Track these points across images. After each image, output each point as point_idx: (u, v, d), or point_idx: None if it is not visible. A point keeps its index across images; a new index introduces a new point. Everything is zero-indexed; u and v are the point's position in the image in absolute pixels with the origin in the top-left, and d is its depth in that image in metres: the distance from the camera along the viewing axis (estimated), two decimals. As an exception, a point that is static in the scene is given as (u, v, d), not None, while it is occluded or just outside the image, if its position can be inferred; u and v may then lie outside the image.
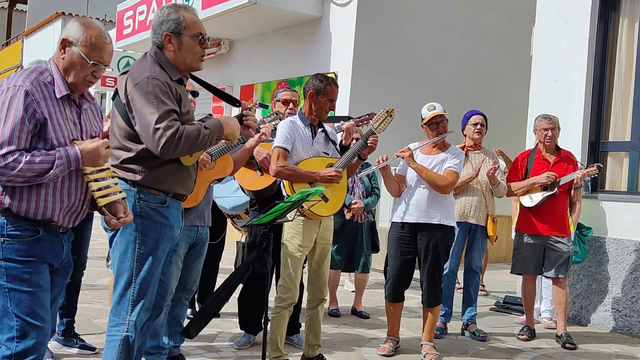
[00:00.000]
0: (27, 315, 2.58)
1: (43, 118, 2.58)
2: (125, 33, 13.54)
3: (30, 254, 2.61)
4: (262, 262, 3.55)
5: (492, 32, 11.25)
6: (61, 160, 2.57)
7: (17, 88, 2.56)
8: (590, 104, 6.77)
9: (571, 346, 5.47)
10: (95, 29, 2.74)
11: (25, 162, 2.50)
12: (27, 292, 2.59)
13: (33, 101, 2.56)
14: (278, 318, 4.20)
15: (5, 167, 2.47)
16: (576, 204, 6.17)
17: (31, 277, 2.61)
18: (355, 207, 6.02)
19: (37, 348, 2.61)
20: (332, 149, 4.42)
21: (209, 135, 3.04)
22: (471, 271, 5.78)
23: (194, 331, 3.58)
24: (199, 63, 3.23)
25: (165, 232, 3.11)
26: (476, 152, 5.77)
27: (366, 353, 4.96)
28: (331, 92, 4.28)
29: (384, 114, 4.52)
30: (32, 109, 2.55)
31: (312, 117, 4.33)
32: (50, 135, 2.60)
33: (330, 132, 4.48)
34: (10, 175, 2.49)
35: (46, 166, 2.54)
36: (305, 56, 10.73)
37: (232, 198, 5.21)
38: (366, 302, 6.59)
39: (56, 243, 2.72)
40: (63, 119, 2.66)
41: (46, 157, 2.55)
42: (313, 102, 4.29)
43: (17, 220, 2.59)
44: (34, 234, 2.62)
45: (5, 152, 2.48)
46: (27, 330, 2.58)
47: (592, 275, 6.52)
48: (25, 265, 2.59)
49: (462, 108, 6.13)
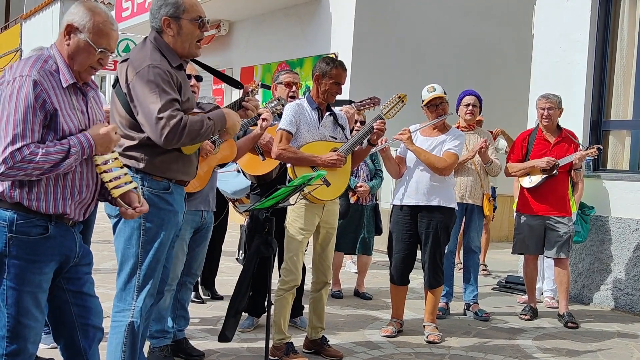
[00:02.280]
0: (21, 316, 2.50)
1: (53, 109, 2.46)
2: (124, 15, 13.47)
3: (37, 254, 2.50)
4: (267, 245, 3.56)
5: (493, 11, 11.19)
6: (75, 148, 2.47)
7: (24, 78, 2.43)
8: (592, 82, 6.75)
9: (573, 325, 5.50)
10: (102, 15, 2.61)
11: (42, 153, 2.39)
12: (26, 292, 2.50)
13: (42, 91, 2.44)
14: (281, 300, 4.22)
15: (22, 161, 2.36)
16: (578, 183, 6.17)
17: (34, 277, 2.51)
18: (361, 190, 6.02)
19: (28, 348, 2.55)
20: (341, 133, 4.38)
21: (212, 126, 3.04)
22: (470, 251, 5.80)
23: (230, 333, 3.62)
24: (197, 49, 3.20)
25: (170, 218, 3.11)
26: (470, 132, 5.76)
27: (369, 334, 4.99)
28: (337, 75, 4.24)
29: (395, 99, 4.43)
30: (41, 99, 2.43)
31: (320, 100, 4.30)
32: (61, 126, 2.49)
33: (339, 116, 4.44)
34: (27, 169, 2.38)
35: (61, 155, 2.44)
36: (305, 37, 10.67)
37: (234, 182, 5.22)
38: (368, 283, 6.62)
39: (67, 238, 2.60)
40: (71, 109, 2.55)
41: (60, 146, 2.45)
42: (319, 85, 4.27)
43: (27, 215, 2.48)
44: (43, 232, 2.51)
45: (20, 146, 2.36)
46: (19, 330, 2.51)
47: (594, 254, 6.54)
48: (31, 265, 2.49)
49: (463, 88, 6.10)
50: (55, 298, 2.67)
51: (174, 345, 4.18)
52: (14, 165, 2.36)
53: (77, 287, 2.70)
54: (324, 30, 10.33)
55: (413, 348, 4.71)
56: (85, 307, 2.72)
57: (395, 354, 4.55)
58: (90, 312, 2.73)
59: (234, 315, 3.62)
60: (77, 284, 2.70)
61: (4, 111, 2.41)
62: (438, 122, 4.97)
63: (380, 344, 4.75)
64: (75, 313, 2.70)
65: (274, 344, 4.23)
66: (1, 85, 2.47)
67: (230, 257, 7.24)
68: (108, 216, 3.15)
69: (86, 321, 2.72)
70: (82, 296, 2.72)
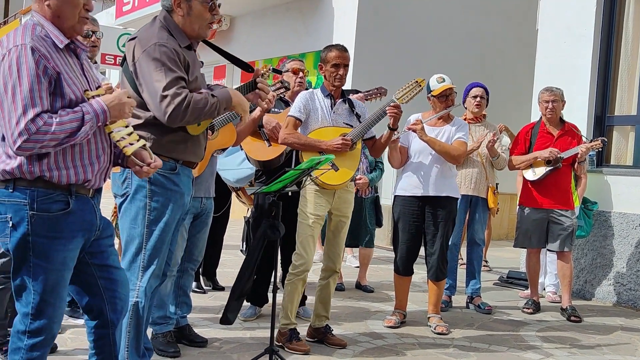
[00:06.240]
0: (46, 294, 2.48)
1: (56, 72, 2.39)
2: (125, 10, 13.40)
3: (60, 229, 2.46)
4: (273, 229, 3.52)
5: (496, 5, 11.17)
6: (89, 114, 2.41)
7: (19, 47, 2.34)
8: (596, 77, 6.72)
9: (576, 319, 5.47)
10: None
11: (57, 123, 2.33)
12: (51, 269, 2.47)
13: (41, 57, 2.35)
14: (291, 285, 4.20)
15: (37, 133, 2.30)
16: (582, 177, 6.15)
17: (58, 254, 2.47)
18: (360, 183, 5.97)
19: (51, 327, 2.53)
20: (356, 120, 4.33)
21: (217, 103, 3.01)
22: (474, 244, 5.77)
23: (232, 316, 3.61)
24: (207, 30, 3.18)
25: (176, 198, 3.09)
26: (477, 124, 5.74)
27: (372, 325, 4.96)
28: (334, 57, 4.23)
29: (412, 84, 4.36)
30: (42, 64, 2.35)
31: (330, 87, 4.30)
32: (66, 90, 2.42)
33: (357, 103, 4.40)
34: (44, 141, 2.32)
35: (76, 124, 2.37)
36: (307, 32, 10.64)
37: (237, 170, 5.18)
38: (370, 276, 6.59)
39: (87, 212, 2.55)
40: (72, 71, 2.49)
41: (74, 114, 2.39)
42: (324, 73, 4.29)
43: (47, 191, 2.44)
44: (64, 207, 2.47)
45: (32, 116, 2.30)
46: (43, 308, 2.49)
47: (597, 250, 6.51)
48: (54, 241, 2.46)
49: (465, 82, 6.07)
50: (81, 273, 2.64)
51: (177, 332, 4.15)
52: (30, 138, 2.30)
53: (102, 261, 2.68)
54: (326, 25, 10.30)
55: (416, 338, 4.68)
56: (112, 279, 2.70)
57: (398, 343, 4.51)
58: (117, 284, 2.71)
59: (237, 299, 3.59)
60: (100, 257, 2.68)
61: (7, 84, 2.33)
62: (445, 113, 4.95)
63: (384, 334, 4.72)
64: (103, 286, 2.68)
65: (279, 329, 4.20)
66: None
67: (232, 250, 7.21)
68: (114, 196, 3.12)
69: (114, 294, 2.70)
70: (108, 269, 2.70)
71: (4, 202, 2.43)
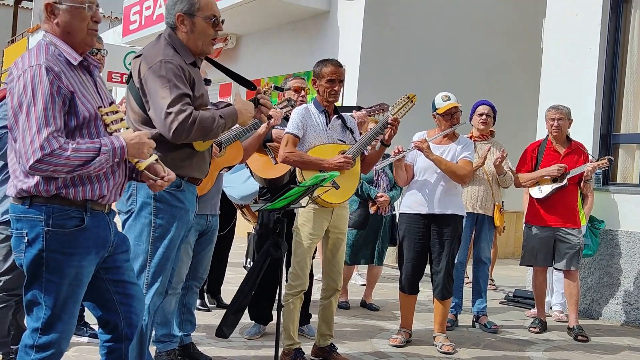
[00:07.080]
0: (57, 308, 2.48)
1: (69, 92, 2.43)
2: (132, 28, 13.51)
3: (74, 245, 2.48)
4: (276, 247, 3.51)
5: (501, 24, 11.19)
6: (106, 147, 2.43)
7: (34, 68, 2.39)
8: (601, 95, 6.71)
9: (583, 338, 5.42)
10: None
11: (72, 149, 2.35)
12: (64, 284, 2.47)
13: (55, 77, 2.40)
14: (289, 306, 4.16)
15: (51, 155, 2.32)
16: (588, 196, 6.12)
17: (71, 270, 2.48)
18: (382, 200, 5.93)
19: (60, 343, 2.52)
20: (350, 137, 4.33)
21: (224, 123, 3.03)
22: (480, 262, 5.73)
23: (227, 330, 3.58)
24: (211, 46, 3.20)
25: (181, 215, 3.08)
26: (483, 142, 5.73)
27: (377, 343, 4.92)
28: (329, 72, 4.20)
29: (404, 100, 4.41)
30: (56, 85, 2.39)
31: (324, 103, 4.28)
32: (80, 109, 2.45)
33: (348, 119, 4.40)
34: (57, 164, 2.34)
35: (92, 154, 2.39)
36: (313, 51, 10.68)
37: (242, 187, 5.18)
38: (375, 295, 6.55)
39: (102, 228, 2.57)
40: (85, 89, 2.52)
41: (91, 144, 2.41)
42: (318, 88, 4.26)
43: (63, 207, 2.46)
44: (79, 223, 2.48)
45: (46, 135, 2.33)
46: (53, 323, 2.49)
47: (604, 269, 6.47)
48: (68, 257, 2.47)
49: (470, 101, 6.06)
50: (97, 289, 2.65)
51: (181, 350, 4.12)
52: (43, 159, 2.32)
53: (117, 276, 2.68)
54: (331, 44, 10.35)
55: (422, 358, 4.64)
56: (128, 294, 2.70)
57: (404, 363, 4.48)
58: (132, 299, 2.71)
59: (234, 313, 3.56)
60: (116, 272, 2.68)
61: (22, 104, 2.37)
62: (450, 131, 4.94)
63: (389, 353, 4.68)
64: (118, 301, 2.68)
65: (283, 350, 4.16)
66: (11, 82, 2.44)
67: (236, 268, 7.18)
68: (118, 212, 3.11)
69: (129, 308, 2.70)
70: (124, 284, 2.70)
71: (20, 218, 2.46)
